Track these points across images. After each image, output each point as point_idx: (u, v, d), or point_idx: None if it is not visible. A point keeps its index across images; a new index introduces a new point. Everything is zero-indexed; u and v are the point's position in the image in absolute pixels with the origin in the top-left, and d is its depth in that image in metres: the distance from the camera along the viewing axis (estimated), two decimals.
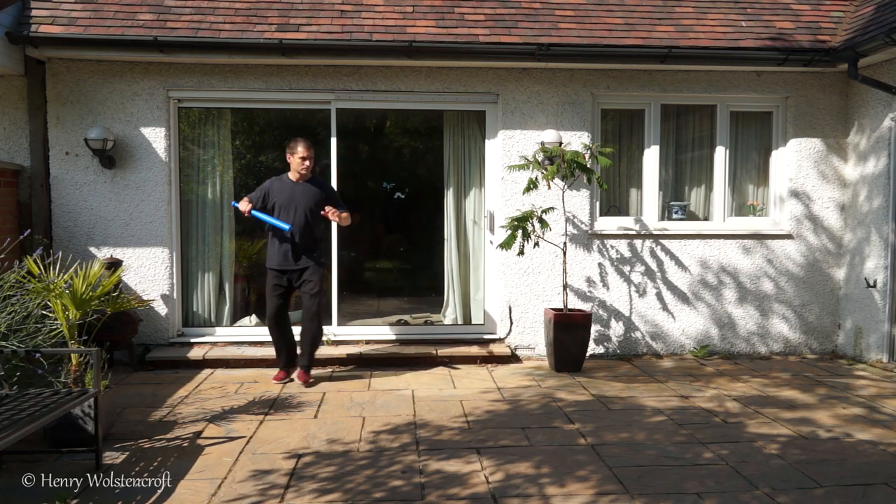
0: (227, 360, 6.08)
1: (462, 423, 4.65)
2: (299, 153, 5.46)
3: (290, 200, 5.46)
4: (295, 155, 5.48)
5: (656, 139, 6.75)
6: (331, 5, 6.39)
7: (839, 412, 4.92)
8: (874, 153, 6.39)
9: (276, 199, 5.47)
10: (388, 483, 3.65)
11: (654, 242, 6.70)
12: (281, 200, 5.46)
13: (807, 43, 6.40)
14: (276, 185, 5.53)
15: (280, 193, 5.48)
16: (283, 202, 5.45)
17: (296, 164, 5.49)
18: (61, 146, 6.16)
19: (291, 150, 5.50)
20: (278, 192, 5.49)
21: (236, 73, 6.31)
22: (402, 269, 10.27)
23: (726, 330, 6.79)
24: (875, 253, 6.36)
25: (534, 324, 6.60)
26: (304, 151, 5.46)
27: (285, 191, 5.49)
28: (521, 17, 6.43)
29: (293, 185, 5.51)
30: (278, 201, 5.46)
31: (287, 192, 5.48)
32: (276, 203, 5.47)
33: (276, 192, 5.50)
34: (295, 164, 5.49)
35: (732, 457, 4.04)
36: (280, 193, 5.48)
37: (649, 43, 6.24)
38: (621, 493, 3.53)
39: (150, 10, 6.12)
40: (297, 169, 5.50)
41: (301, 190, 5.49)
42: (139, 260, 6.28)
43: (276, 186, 5.53)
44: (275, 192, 5.50)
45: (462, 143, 6.86)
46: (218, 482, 3.64)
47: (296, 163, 5.48)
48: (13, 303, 4.28)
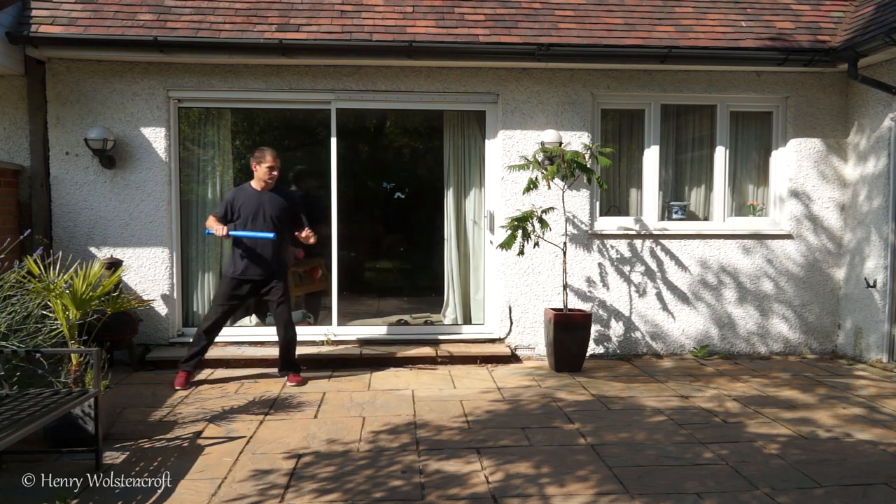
0: (227, 360, 6.08)
1: (462, 423, 4.65)
2: (268, 162, 5.43)
3: (257, 210, 5.43)
4: (263, 164, 5.44)
5: (656, 139, 6.75)
6: (331, 5, 6.39)
7: (839, 412, 4.92)
8: (874, 153, 6.39)
9: (242, 208, 5.42)
10: (388, 483, 3.65)
11: (654, 242, 6.70)
12: (248, 210, 5.42)
13: (807, 43, 6.40)
14: (241, 195, 5.48)
15: (246, 203, 5.44)
16: (250, 212, 5.42)
17: (263, 174, 5.45)
18: (61, 146, 6.16)
19: (259, 160, 5.46)
20: (244, 201, 5.44)
21: (236, 73, 6.31)
22: (402, 269, 10.27)
23: (726, 330, 6.79)
24: (875, 253, 6.36)
25: (534, 324, 6.60)
26: (273, 161, 5.45)
27: (251, 200, 5.45)
28: (521, 17, 6.43)
29: (259, 195, 5.48)
30: (245, 211, 5.42)
31: (254, 201, 5.45)
32: (243, 213, 5.42)
33: (241, 201, 5.44)
34: (262, 174, 5.45)
35: (732, 457, 4.04)
36: (246, 203, 5.44)
37: (649, 43, 6.24)
38: (621, 493, 3.54)
39: (150, 10, 6.12)
40: (263, 178, 5.46)
41: (267, 199, 5.48)
42: (139, 260, 6.28)
43: (240, 196, 5.48)
44: (240, 202, 5.44)
45: (462, 143, 6.86)
46: (218, 482, 3.64)
47: (263, 172, 5.44)
48: (13, 303, 4.28)
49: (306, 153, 9.22)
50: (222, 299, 5.50)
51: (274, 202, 5.50)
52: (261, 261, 5.43)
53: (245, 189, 5.54)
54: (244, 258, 5.42)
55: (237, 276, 5.45)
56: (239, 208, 5.44)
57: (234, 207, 5.45)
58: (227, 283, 5.51)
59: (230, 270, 5.50)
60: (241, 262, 5.44)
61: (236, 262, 5.46)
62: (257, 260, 5.42)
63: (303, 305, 7.57)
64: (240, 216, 5.43)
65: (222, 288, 5.55)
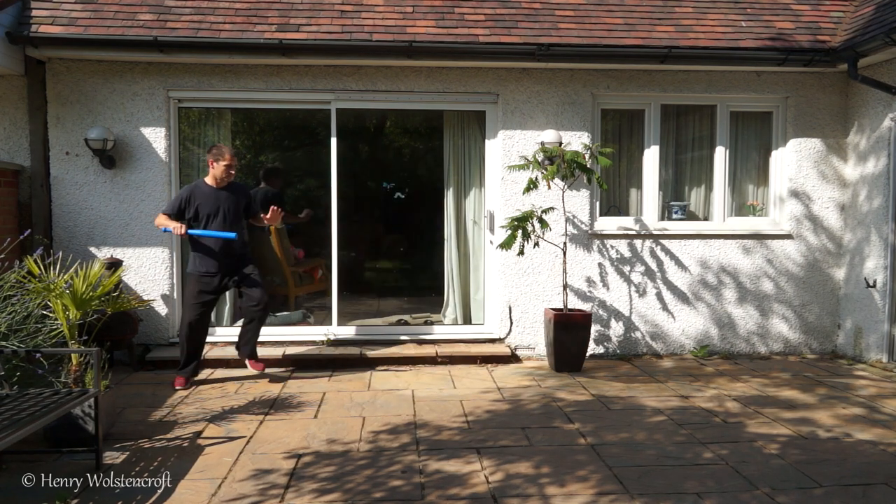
0: (227, 360, 6.08)
1: (462, 423, 4.65)
2: (226, 160, 5.40)
3: (216, 206, 5.39)
4: (221, 162, 5.39)
5: (656, 139, 6.75)
6: (331, 5, 6.40)
7: (839, 412, 4.92)
8: (874, 153, 6.39)
9: (199, 206, 5.36)
10: (388, 483, 3.65)
11: (654, 242, 6.70)
12: (206, 209, 5.37)
13: (807, 43, 6.40)
14: (197, 192, 5.41)
15: (204, 200, 5.38)
16: (210, 209, 5.38)
17: (221, 172, 5.40)
18: (61, 146, 6.17)
19: (217, 157, 5.40)
20: (201, 198, 5.38)
21: (236, 73, 6.31)
22: (402, 269, 10.28)
23: (726, 330, 6.79)
24: (875, 253, 6.37)
25: (534, 324, 6.60)
26: (231, 160, 5.44)
27: (209, 197, 5.40)
28: (521, 17, 6.43)
29: (216, 192, 5.43)
30: (203, 210, 5.37)
31: (211, 199, 5.40)
32: (202, 211, 5.37)
33: (198, 198, 5.38)
34: (220, 171, 5.40)
35: (732, 457, 4.04)
36: (204, 200, 5.38)
37: (649, 43, 6.25)
38: (621, 493, 3.54)
39: (150, 10, 6.12)
40: (221, 176, 5.42)
41: (224, 195, 5.44)
42: (139, 260, 6.28)
43: (196, 193, 5.40)
44: (197, 199, 5.38)
45: (462, 144, 6.86)
46: (218, 482, 3.64)
47: (221, 170, 5.39)
48: (13, 303, 4.28)
49: (306, 153, 9.25)
50: (194, 297, 5.41)
51: (231, 198, 5.48)
52: (224, 254, 5.39)
53: (200, 187, 5.45)
54: (206, 254, 5.37)
55: (204, 272, 5.37)
56: (196, 207, 5.37)
57: (191, 205, 5.37)
58: (194, 282, 5.42)
59: (195, 267, 5.41)
60: (203, 257, 5.37)
61: (199, 259, 5.39)
62: (220, 253, 5.38)
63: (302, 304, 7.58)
64: (197, 214, 5.37)
65: (190, 287, 5.45)
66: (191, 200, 5.39)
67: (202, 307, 5.43)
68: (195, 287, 5.41)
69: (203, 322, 5.48)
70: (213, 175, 5.44)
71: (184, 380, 5.45)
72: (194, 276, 5.42)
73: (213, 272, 5.38)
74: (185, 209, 5.38)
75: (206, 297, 5.43)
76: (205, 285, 5.40)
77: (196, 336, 5.47)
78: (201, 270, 5.39)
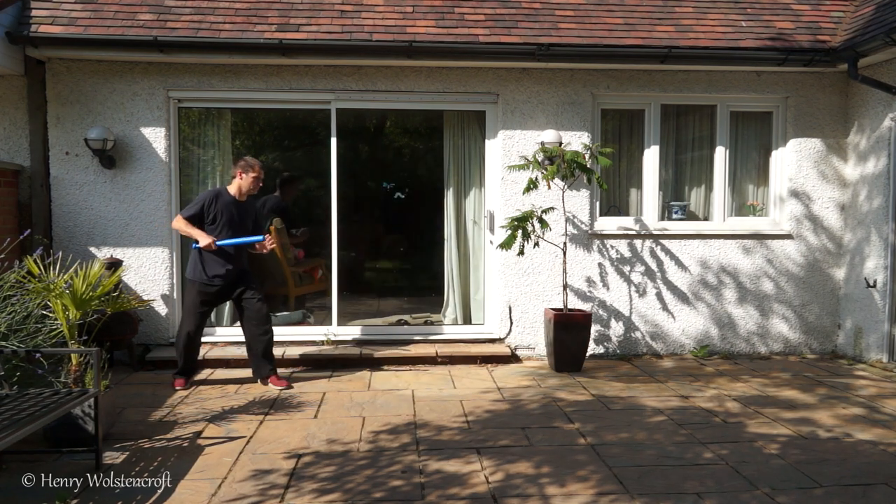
0: (228, 360, 6.08)
1: (462, 423, 4.65)
2: (256, 172, 5.36)
3: (239, 218, 5.36)
4: (250, 174, 5.34)
5: (656, 139, 6.75)
6: (331, 5, 6.39)
7: (839, 412, 4.92)
8: (874, 153, 6.39)
9: (219, 213, 5.29)
10: (388, 483, 3.65)
11: (654, 242, 6.70)
12: (227, 218, 5.31)
13: (807, 43, 6.40)
14: (221, 201, 5.33)
15: (226, 210, 5.31)
16: (229, 220, 5.32)
17: (249, 183, 5.36)
18: (61, 146, 6.16)
19: (246, 170, 5.35)
20: (222, 206, 5.31)
21: (236, 73, 6.31)
22: (402, 269, 10.28)
23: (726, 330, 6.79)
24: (875, 253, 6.36)
25: (534, 324, 6.60)
26: (261, 172, 5.41)
27: (230, 208, 5.34)
28: (521, 17, 6.43)
29: (238, 204, 5.39)
30: (223, 219, 5.30)
31: (233, 209, 5.34)
32: (221, 219, 5.30)
33: (219, 206, 5.31)
34: (248, 183, 5.35)
35: (732, 457, 4.04)
36: (226, 210, 5.31)
37: (649, 43, 6.25)
38: (621, 493, 3.53)
39: (150, 10, 6.12)
40: (249, 188, 5.38)
41: (244, 208, 5.44)
42: (139, 260, 6.28)
43: (220, 202, 5.32)
44: (218, 206, 5.30)
45: (462, 143, 6.86)
46: (218, 482, 3.64)
47: (250, 181, 5.35)
48: (13, 303, 4.28)
49: (306, 153, 9.24)
50: (194, 305, 5.35)
51: (250, 211, 5.51)
52: (229, 262, 5.34)
53: (223, 195, 5.37)
54: (211, 261, 5.29)
55: (208, 279, 5.30)
56: (215, 214, 5.30)
57: (211, 211, 5.30)
58: (195, 289, 5.35)
59: (198, 274, 5.31)
60: (207, 264, 5.29)
61: (204, 265, 5.29)
62: (226, 262, 5.32)
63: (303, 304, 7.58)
64: (217, 222, 5.30)
65: (191, 296, 5.37)
66: (213, 206, 5.32)
67: (202, 317, 5.43)
68: (197, 297, 5.35)
69: (201, 330, 5.49)
70: (238, 186, 5.38)
71: (183, 380, 5.45)
72: (197, 284, 5.35)
73: (222, 274, 5.32)
74: (206, 213, 5.30)
75: (206, 308, 5.44)
76: (207, 294, 5.35)
77: (194, 345, 5.46)
78: (207, 276, 5.31)
